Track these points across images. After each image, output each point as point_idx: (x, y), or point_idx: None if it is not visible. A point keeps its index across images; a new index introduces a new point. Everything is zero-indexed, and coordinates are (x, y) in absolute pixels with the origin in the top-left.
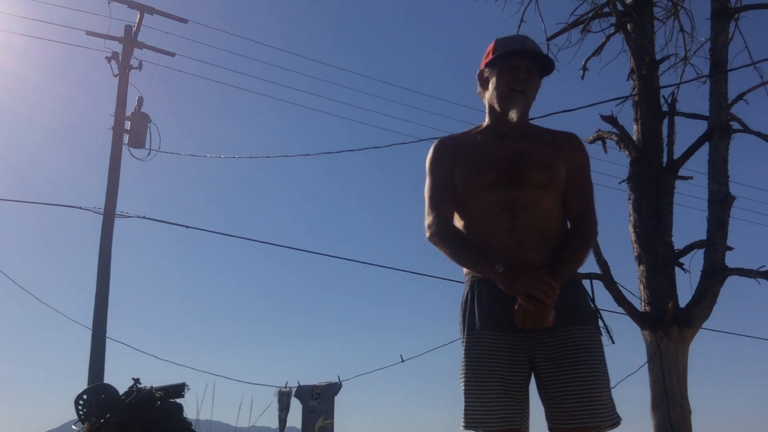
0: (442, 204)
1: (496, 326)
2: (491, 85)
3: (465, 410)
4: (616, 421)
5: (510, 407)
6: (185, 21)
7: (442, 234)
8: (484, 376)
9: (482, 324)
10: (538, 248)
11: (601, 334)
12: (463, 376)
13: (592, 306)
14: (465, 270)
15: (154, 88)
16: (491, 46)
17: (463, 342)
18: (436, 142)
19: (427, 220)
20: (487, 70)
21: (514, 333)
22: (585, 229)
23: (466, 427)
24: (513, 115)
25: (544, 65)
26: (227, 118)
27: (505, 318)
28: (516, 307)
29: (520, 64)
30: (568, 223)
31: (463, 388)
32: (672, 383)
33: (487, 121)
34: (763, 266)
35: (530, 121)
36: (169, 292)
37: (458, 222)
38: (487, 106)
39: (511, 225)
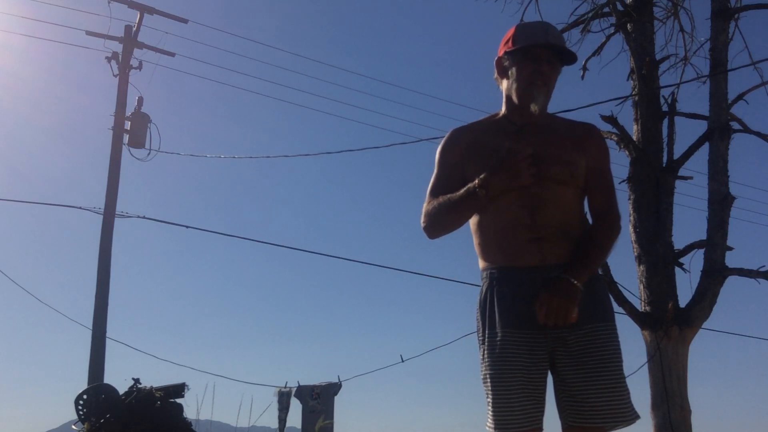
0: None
1: (517, 323)
2: (511, 76)
3: (493, 413)
4: (634, 418)
5: (532, 407)
6: (185, 21)
7: (427, 209)
8: (508, 377)
9: (503, 322)
10: (559, 243)
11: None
12: (487, 377)
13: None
14: (482, 266)
15: (154, 88)
16: (511, 32)
17: (482, 341)
18: (450, 131)
19: (423, 211)
20: (506, 58)
21: (535, 330)
22: (609, 223)
23: (496, 428)
24: (534, 108)
25: (566, 55)
26: (227, 118)
27: (527, 315)
28: (538, 303)
29: (542, 55)
30: (591, 217)
31: (488, 390)
32: (672, 383)
33: (503, 110)
34: (763, 266)
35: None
36: (169, 292)
37: (475, 217)
38: (504, 95)
39: (531, 221)
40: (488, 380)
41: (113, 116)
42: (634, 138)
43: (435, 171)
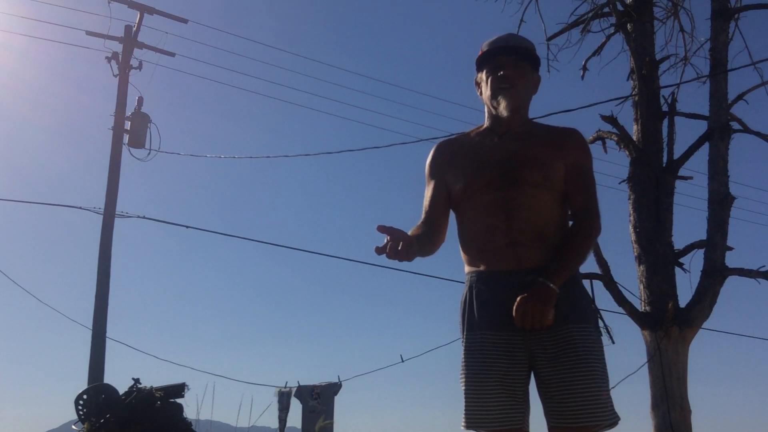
0: (426, 216)
1: (495, 325)
2: (483, 88)
3: (465, 410)
4: (614, 420)
5: (510, 407)
6: (185, 21)
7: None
8: (483, 376)
9: (481, 324)
10: (535, 248)
11: (601, 333)
12: (462, 376)
13: (593, 306)
14: (466, 269)
15: (154, 88)
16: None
17: (462, 342)
18: (434, 146)
19: None
20: (478, 74)
21: (513, 332)
22: (586, 224)
23: (467, 427)
24: (503, 110)
25: (533, 58)
26: (227, 118)
27: (504, 317)
28: (515, 306)
29: (506, 62)
30: (571, 220)
31: (463, 388)
32: (672, 383)
33: (486, 122)
34: (763, 266)
35: (533, 119)
36: (169, 292)
37: (459, 223)
38: (485, 108)
39: (507, 225)
40: (463, 379)
41: (113, 116)
42: (634, 138)
43: (425, 189)
